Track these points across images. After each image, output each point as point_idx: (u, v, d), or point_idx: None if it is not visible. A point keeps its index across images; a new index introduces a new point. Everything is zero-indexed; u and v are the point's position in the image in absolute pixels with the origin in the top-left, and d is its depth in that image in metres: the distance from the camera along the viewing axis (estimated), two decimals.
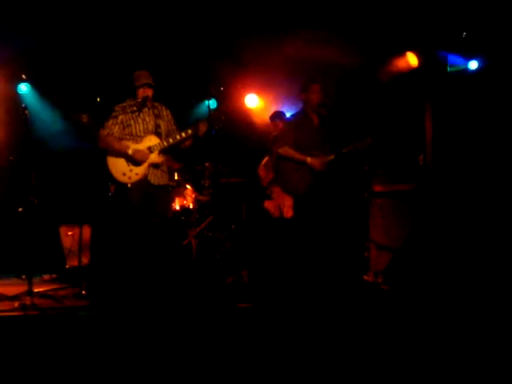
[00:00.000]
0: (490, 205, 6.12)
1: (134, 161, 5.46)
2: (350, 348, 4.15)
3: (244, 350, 4.11)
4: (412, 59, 7.39)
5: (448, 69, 7.36)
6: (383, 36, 7.17)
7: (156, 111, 5.66)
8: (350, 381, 3.70)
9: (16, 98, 7.42)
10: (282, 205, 6.22)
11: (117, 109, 5.57)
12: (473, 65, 7.35)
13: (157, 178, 5.58)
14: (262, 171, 7.19)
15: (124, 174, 5.45)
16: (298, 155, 5.89)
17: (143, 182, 5.49)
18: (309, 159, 5.88)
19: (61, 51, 7.35)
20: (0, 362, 3.83)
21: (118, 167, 5.47)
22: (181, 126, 5.75)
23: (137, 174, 5.47)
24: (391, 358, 3.99)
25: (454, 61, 7.39)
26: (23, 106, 5.42)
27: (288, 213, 6.16)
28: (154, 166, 5.55)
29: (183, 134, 5.57)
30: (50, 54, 7.35)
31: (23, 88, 7.63)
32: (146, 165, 5.49)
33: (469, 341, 4.21)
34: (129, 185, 5.45)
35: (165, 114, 5.75)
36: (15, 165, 6.82)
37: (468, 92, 7.17)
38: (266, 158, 7.17)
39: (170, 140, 5.56)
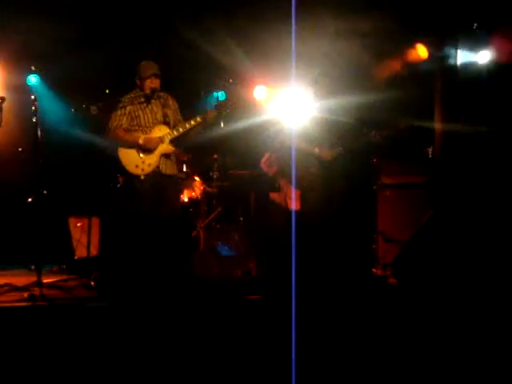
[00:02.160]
0: (499, 198, 6.09)
1: (145, 150, 5.45)
2: (358, 341, 4.15)
3: (252, 341, 4.12)
4: (422, 51, 7.35)
5: (458, 61, 7.31)
6: (394, 28, 7.12)
7: (162, 101, 5.66)
8: (358, 372, 3.70)
9: (25, 90, 7.42)
10: (288, 197, 6.22)
11: (124, 100, 5.57)
12: (483, 57, 7.29)
13: (168, 168, 5.60)
14: (264, 166, 7.15)
15: (137, 166, 5.46)
16: (305, 147, 5.91)
17: (155, 172, 5.50)
18: (317, 149, 5.89)
19: (69, 42, 7.35)
20: (9, 352, 3.86)
21: (131, 159, 5.47)
22: (190, 118, 5.74)
23: (150, 164, 5.47)
24: (399, 353, 3.99)
25: (465, 53, 7.34)
26: (33, 97, 5.44)
27: (293, 205, 6.15)
28: (166, 155, 5.56)
29: (192, 122, 5.57)
30: (59, 45, 7.34)
31: (32, 79, 7.64)
32: (157, 155, 5.50)
33: (477, 336, 4.20)
34: (142, 176, 5.46)
35: (171, 103, 5.74)
36: (24, 156, 6.85)
37: (478, 84, 7.12)
38: (266, 156, 7.10)
39: (180, 129, 5.57)
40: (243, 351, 4.01)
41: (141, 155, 5.46)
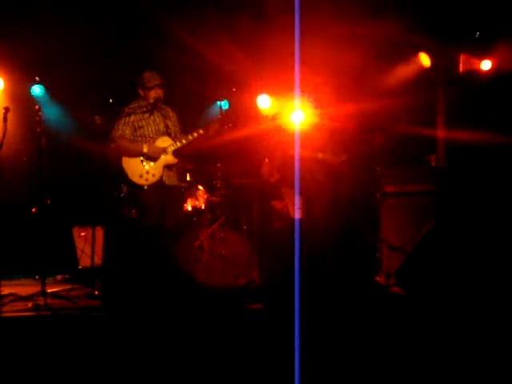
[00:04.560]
0: (503, 206, 6.08)
1: (149, 158, 5.48)
2: (362, 349, 4.15)
3: (255, 350, 4.12)
4: (424, 59, 7.37)
5: (460, 69, 7.33)
6: (396, 36, 7.15)
7: (163, 112, 5.69)
8: (360, 381, 3.70)
9: (29, 100, 7.46)
10: (290, 205, 6.22)
11: (127, 110, 5.60)
12: (486, 65, 7.32)
13: (170, 179, 5.63)
14: (265, 174, 7.15)
15: (141, 176, 5.49)
16: (308, 153, 5.92)
17: (159, 183, 5.53)
18: (320, 155, 5.91)
19: (73, 52, 7.39)
20: (14, 361, 3.86)
21: (135, 169, 5.50)
22: (193, 127, 5.77)
23: (153, 175, 5.50)
24: (402, 361, 3.98)
25: (467, 61, 7.36)
26: (37, 107, 5.47)
27: (295, 213, 6.15)
28: (169, 167, 5.59)
29: (195, 134, 5.61)
30: (63, 55, 7.38)
31: (36, 90, 7.67)
32: (161, 165, 5.53)
33: (481, 342, 4.19)
34: (145, 187, 5.49)
35: (171, 114, 5.78)
36: (29, 166, 6.87)
37: (480, 92, 7.14)
38: (265, 162, 7.09)
39: (183, 140, 5.60)
40: (247, 360, 4.00)
41: (144, 165, 5.48)
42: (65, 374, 3.79)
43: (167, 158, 5.54)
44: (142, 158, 5.50)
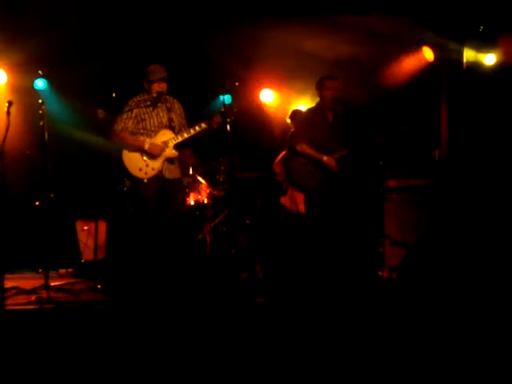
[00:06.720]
0: (505, 201, 6.07)
1: (149, 155, 5.46)
2: (364, 344, 4.15)
3: (259, 344, 4.13)
4: (428, 54, 7.35)
5: (464, 63, 7.31)
6: (400, 31, 7.13)
7: (168, 105, 5.66)
8: (361, 376, 3.70)
9: (33, 94, 7.46)
10: (297, 200, 6.23)
11: (131, 103, 5.58)
12: (489, 59, 7.30)
13: (171, 172, 5.60)
14: (276, 167, 7.20)
15: (140, 170, 5.46)
16: (314, 153, 5.91)
17: (159, 176, 5.51)
18: (325, 158, 5.89)
19: (76, 46, 7.39)
20: (17, 354, 3.88)
21: (135, 162, 5.48)
22: (196, 121, 5.76)
23: (153, 168, 5.48)
24: (404, 354, 3.99)
25: (471, 55, 7.34)
26: (40, 101, 5.47)
27: (302, 208, 6.15)
28: (169, 160, 5.57)
29: (197, 128, 5.58)
30: (66, 49, 7.38)
31: (39, 84, 7.68)
32: (161, 159, 5.50)
33: (482, 339, 4.19)
34: (145, 180, 5.46)
35: (177, 107, 5.75)
36: (32, 159, 6.88)
37: (484, 87, 7.12)
38: (282, 153, 7.14)
39: (185, 134, 5.57)
40: (250, 354, 4.01)
41: (145, 158, 5.47)
42: (68, 367, 3.80)
43: (168, 152, 5.52)
44: (141, 153, 5.49)
